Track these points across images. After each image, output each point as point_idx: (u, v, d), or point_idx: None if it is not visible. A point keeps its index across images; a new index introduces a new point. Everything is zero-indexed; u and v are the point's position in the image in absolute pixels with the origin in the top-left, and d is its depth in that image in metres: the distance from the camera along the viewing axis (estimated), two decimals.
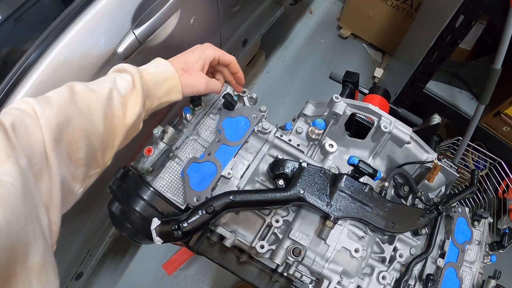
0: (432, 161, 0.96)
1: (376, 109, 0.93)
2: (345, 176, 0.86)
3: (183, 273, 1.98)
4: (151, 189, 0.86)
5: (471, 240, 1.09)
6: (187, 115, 0.98)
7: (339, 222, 0.87)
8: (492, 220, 1.20)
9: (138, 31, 1.12)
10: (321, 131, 0.96)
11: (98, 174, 0.70)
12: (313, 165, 0.88)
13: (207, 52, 0.85)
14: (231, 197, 0.80)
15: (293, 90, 2.46)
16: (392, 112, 1.33)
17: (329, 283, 0.84)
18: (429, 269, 1.00)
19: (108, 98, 0.67)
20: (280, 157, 0.94)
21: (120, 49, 1.10)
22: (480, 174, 1.95)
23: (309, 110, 1.04)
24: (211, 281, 1.98)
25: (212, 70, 0.94)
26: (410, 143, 0.95)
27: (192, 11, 1.31)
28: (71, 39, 0.98)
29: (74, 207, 0.69)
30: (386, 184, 0.93)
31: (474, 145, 1.93)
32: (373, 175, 0.85)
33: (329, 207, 0.83)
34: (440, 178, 1.03)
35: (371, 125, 0.94)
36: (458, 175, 1.02)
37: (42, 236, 0.49)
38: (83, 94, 0.65)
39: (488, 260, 1.13)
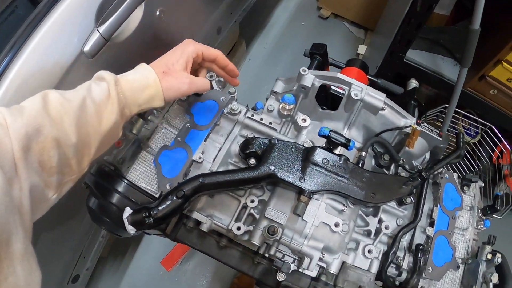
0: (409, 126, 0.92)
1: (345, 77, 0.90)
2: (317, 148, 0.83)
3: (183, 268, 1.99)
4: (125, 181, 0.86)
5: (462, 206, 1.05)
6: None
7: (316, 196, 0.84)
8: (483, 184, 1.17)
9: (102, 28, 1.14)
10: (292, 106, 0.93)
11: (74, 181, 0.69)
12: (283, 141, 0.85)
13: (188, 49, 0.81)
14: (200, 180, 0.79)
15: (277, 75, 2.39)
16: (372, 84, 1.29)
17: (310, 260, 0.81)
18: (419, 239, 0.96)
19: (81, 107, 0.65)
20: (250, 136, 0.91)
21: (86, 48, 1.12)
22: (472, 141, 1.91)
23: (279, 87, 1.01)
24: (212, 274, 1.98)
25: (198, 67, 0.89)
26: (384, 110, 0.91)
27: (157, 3, 1.30)
28: (36, 45, 0.99)
29: (61, 210, 0.70)
30: (363, 154, 0.90)
31: (464, 113, 1.89)
32: (346, 145, 0.82)
33: (302, 181, 0.80)
34: (422, 144, 1.00)
35: (343, 95, 0.91)
36: (441, 139, 0.98)
37: (22, 227, 0.51)
38: (55, 103, 0.63)
39: (481, 226, 1.10)
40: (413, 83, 1.28)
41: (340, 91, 0.93)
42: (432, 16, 1.61)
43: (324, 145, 0.89)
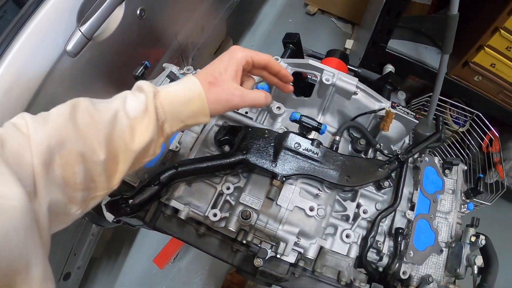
0: (383, 109, 0.92)
1: (316, 63, 0.90)
2: (290, 133, 0.83)
3: (176, 266, 2.00)
4: None
5: (444, 189, 1.05)
6: None
7: (290, 181, 0.85)
8: (466, 167, 1.16)
9: (84, 27, 1.20)
10: None
11: (103, 197, 0.63)
12: (256, 127, 0.86)
13: (236, 56, 0.69)
14: (175, 167, 0.80)
15: None
16: (353, 74, 1.30)
17: (286, 245, 0.82)
18: (400, 223, 0.96)
19: (112, 121, 0.59)
20: (225, 125, 0.92)
21: (69, 47, 1.17)
22: (461, 130, 1.91)
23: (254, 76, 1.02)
24: (205, 271, 1.99)
25: (245, 78, 0.77)
26: (357, 94, 0.92)
27: (138, 2, 1.34)
28: (21, 46, 1.04)
29: None
30: (337, 138, 0.90)
31: (452, 102, 1.89)
32: (317, 128, 0.82)
33: (274, 166, 0.80)
34: (399, 128, 1.00)
35: (315, 82, 0.92)
36: (417, 121, 0.98)
37: (42, 250, 0.48)
38: (85, 113, 0.58)
39: (465, 209, 1.09)
40: (388, 68, 1.29)
41: (316, 79, 0.94)
42: (413, 6, 1.62)
43: (298, 131, 0.89)
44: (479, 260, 0.95)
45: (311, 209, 0.83)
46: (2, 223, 0.41)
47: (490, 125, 1.74)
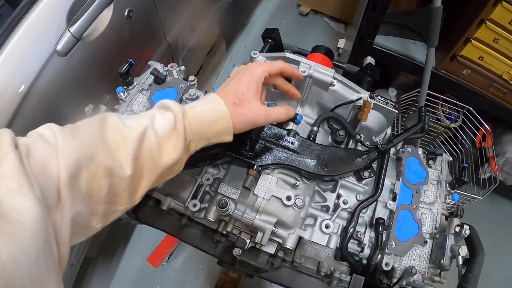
0: (360, 99, 0.93)
1: (293, 56, 0.91)
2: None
3: (170, 265, 2.02)
4: None
5: (427, 180, 1.05)
6: (121, 94, 1.03)
7: (267, 171, 0.86)
8: (451, 158, 1.16)
9: (73, 28, 1.24)
10: None
11: (123, 211, 0.63)
12: None
13: (256, 72, 0.71)
14: None
15: None
16: (341, 72, 1.31)
17: (263, 234, 0.82)
18: (381, 214, 0.95)
19: (141, 138, 0.60)
20: None
21: (59, 47, 1.21)
22: (453, 126, 1.91)
23: None
24: (199, 269, 2.01)
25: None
26: (334, 85, 0.92)
27: (126, 3, 1.37)
28: (13, 46, 1.09)
29: None
30: (315, 128, 0.91)
31: (444, 97, 1.89)
32: (293, 118, 0.83)
33: (250, 155, 0.81)
34: (380, 118, 1.00)
35: None
36: (397, 111, 0.98)
37: (56, 272, 0.47)
38: (114, 129, 0.59)
39: (450, 200, 1.09)
40: (368, 60, 1.29)
41: None
42: (400, 1, 1.63)
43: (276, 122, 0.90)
44: (464, 251, 0.93)
45: (288, 199, 0.84)
46: (11, 245, 0.39)
47: (482, 120, 1.74)
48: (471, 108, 1.71)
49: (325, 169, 0.86)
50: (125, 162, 0.58)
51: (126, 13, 1.39)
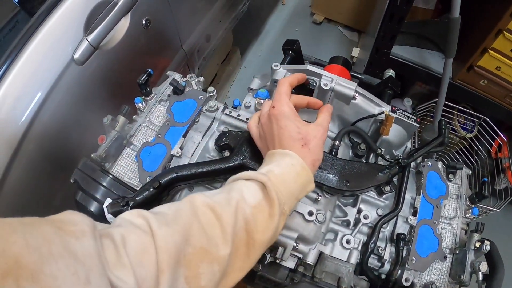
0: (383, 113, 0.92)
1: (314, 68, 0.91)
2: None
3: None
4: (110, 175, 0.90)
5: (447, 194, 1.03)
6: (139, 105, 1.03)
7: None
8: (470, 172, 1.15)
9: (90, 37, 1.25)
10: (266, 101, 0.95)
11: None
12: None
13: (283, 109, 0.70)
14: (175, 171, 0.82)
15: None
16: (357, 82, 1.30)
17: (284, 249, 0.81)
18: (402, 229, 0.94)
19: (235, 212, 0.57)
20: (225, 130, 0.93)
21: (76, 55, 1.22)
22: (469, 136, 1.89)
23: (255, 83, 1.04)
24: None
25: None
26: (356, 99, 0.92)
27: (143, 12, 1.38)
28: (31, 54, 1.10)
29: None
30: (337, 143, 0.91)
31: (459, 107, 1.88)
32: None
33: None
34: (401, 132, 0.99)
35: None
36: (418, 125, 0.97)
37: None
38: (205, 207, 0.56)
39: (470, 214, 1.07)
40: (389, 72, 1.29)
41: (313, 83, 0.94)
42: (417, 11, 1.62)
43: None
44: (484, 267, 0.92)
45: (310, 214, 0.83)
46: None
47: (498, 130, 1.72)
48: (487, 119, 1.69)
49: (348, 184, 0.85)
50: (221, 240, 0.54)
51: (143, 22, 1.40)
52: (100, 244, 0.44)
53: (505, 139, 1.76)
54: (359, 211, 0.92)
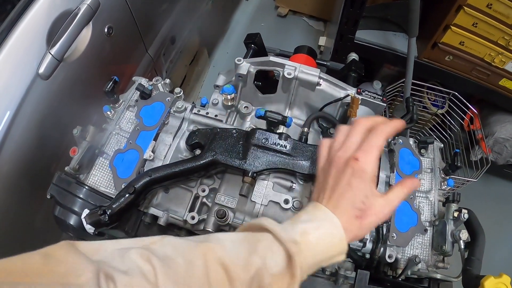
0: (348, 96, 0.93)
1: (277, 59, 0.92)
2: (257, 130, 0.84)
3: None
4: (85, 187, 0.90)
5: (421, 169, 1.06)
6: (108, 113, 1.02)
7: (262, 177, 0.85)
8: (442, 145, 1.17)
9: (53, 50, 1.23)
10: (232, 96, 0.95)
11: None
12: (224, 128, 0.86)
13: (368, 171, 0.60)
14: (149, 175, 0.81)
15: None
16: (325, 70, 1.32)
17: None
18: None
19: (251, 280, 0.52)
20: (195, 129, 0.93)
21: (41, 70, 1.20)
22: (441, 112, 1.93)
23: (221, 80, 1.04)
24: None
25: None
26: (321, 85, 0.93)
27: (104, 20, 1.36)
28: None
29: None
30: (305, 129, 0.91)
31: (428, 85, 1.92)
32: (283, 122, 0.83)
33: (243, 162, 0.81)
34: (369, 113, 1.00)
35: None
36: (385, 104, 0.99)
37: None
38: (218, 266, 0.51)
39: (445, 186, 1.10)
40: (352, 56, 1.30)
41: (278, 73, 0.95)
42: None
43: (266, 127, 0.90)
44: (464, 235, 0.94)
45: (286, 202, 0.84)
46: None
47: (468, 104, 1.76)
48: (456, 93, 1.73)
49: None
50: None
51: (106, 30, 1.38)
52: None
53: (475, 111, 1.81)
54: None
